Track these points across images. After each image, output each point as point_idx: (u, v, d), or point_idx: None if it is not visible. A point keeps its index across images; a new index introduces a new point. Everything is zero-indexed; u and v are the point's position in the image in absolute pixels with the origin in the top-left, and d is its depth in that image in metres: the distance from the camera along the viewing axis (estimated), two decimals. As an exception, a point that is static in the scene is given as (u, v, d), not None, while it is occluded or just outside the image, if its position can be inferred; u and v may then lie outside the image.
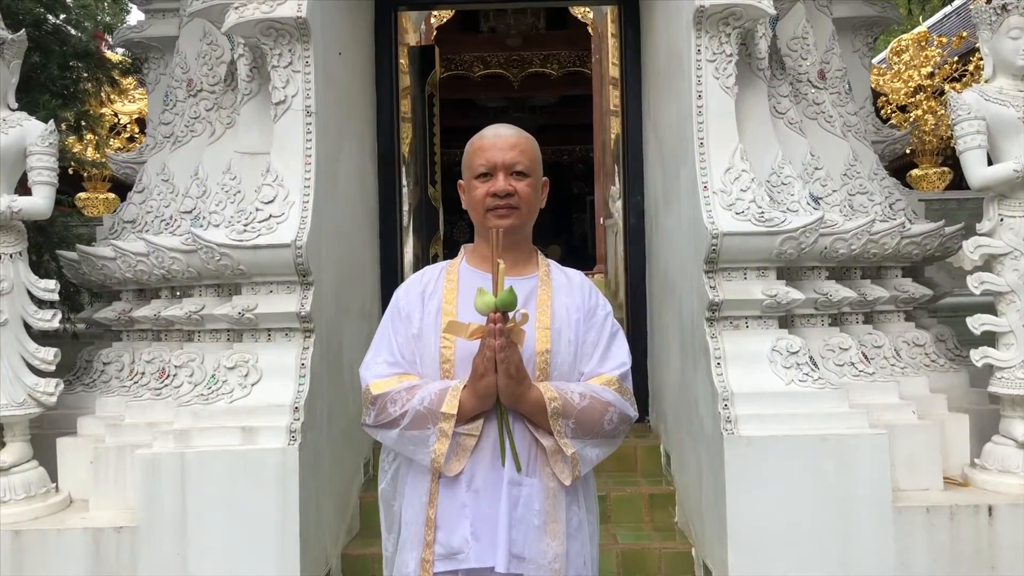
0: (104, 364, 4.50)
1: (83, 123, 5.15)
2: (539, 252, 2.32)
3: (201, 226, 4.18)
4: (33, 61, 4.89)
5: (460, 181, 2.24)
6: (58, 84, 4.84)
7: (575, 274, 2.31)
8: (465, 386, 2.05)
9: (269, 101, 4.13)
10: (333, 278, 4.35)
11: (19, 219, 3.89)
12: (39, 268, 5.08)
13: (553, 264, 2.31)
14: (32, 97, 4.80)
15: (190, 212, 4.41)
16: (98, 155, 7.36)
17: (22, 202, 3.85)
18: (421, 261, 6.36)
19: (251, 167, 4.24)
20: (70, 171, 9.43)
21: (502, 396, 2.03)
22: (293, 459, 3.67)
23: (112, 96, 6.03)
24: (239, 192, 4.21)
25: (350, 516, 4.59)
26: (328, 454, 4.14)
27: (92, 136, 9.82)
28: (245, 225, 3.91)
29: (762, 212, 3.93)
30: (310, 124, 4.10)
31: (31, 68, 4.91)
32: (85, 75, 4.99)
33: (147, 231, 4.53)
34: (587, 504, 2.21)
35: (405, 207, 6.13)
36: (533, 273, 2.24)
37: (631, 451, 5.32)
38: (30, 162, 3.90)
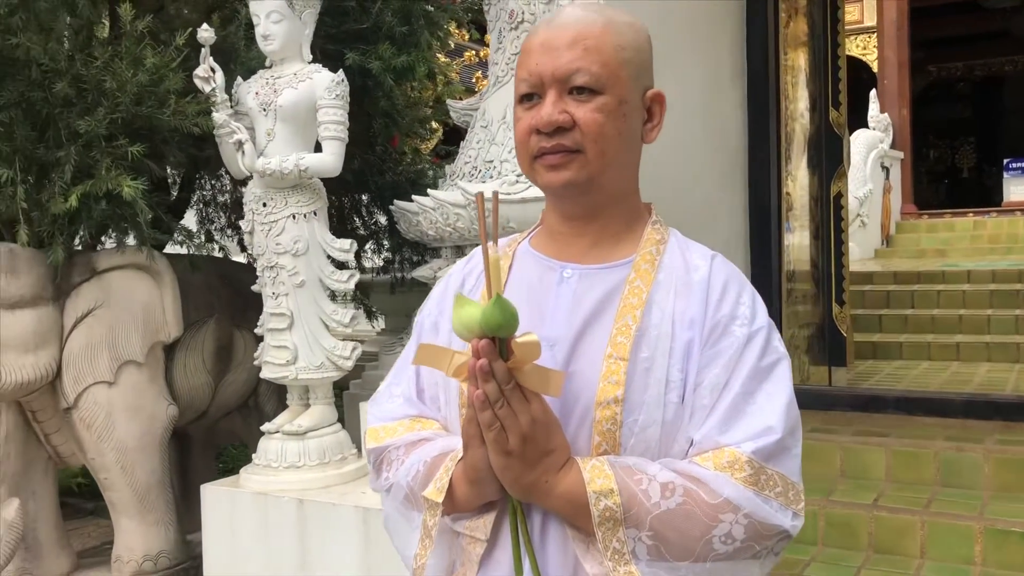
0: (423, 325, 4.27)
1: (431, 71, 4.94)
2: (651, 219, 1.38)
3: (491, 176, 3.70)
4: (376, 9, 4.78)
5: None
6: (396, 32, 4.67)
7: (702, 256, 1.33)
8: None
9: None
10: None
11: (307, 177, 3.74)
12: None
13: (674, 239, 1.36)
14: (372, 48, 4.69)
15: (492, 161, 3.93)
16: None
17: (309, 160, 3.68)
18: (818, 203, 5.21)
19: (544, 105, 3.61)
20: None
21: (504, 484, 1.20)
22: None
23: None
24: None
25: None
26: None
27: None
28: (518, 176, 3.33)
29: None
30: (599, 46, 3.34)
31: (377, 16, 4.80)
32: (422, 20, 4.75)
33: (462, 181, 4.16)
34: None
35: (797, 136, 5.03)
36: (626, 257, 1.32)
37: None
38: (318, 116, 3.71)
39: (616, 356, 1.23)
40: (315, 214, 3.80)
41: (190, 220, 6.17)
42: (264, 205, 3.77)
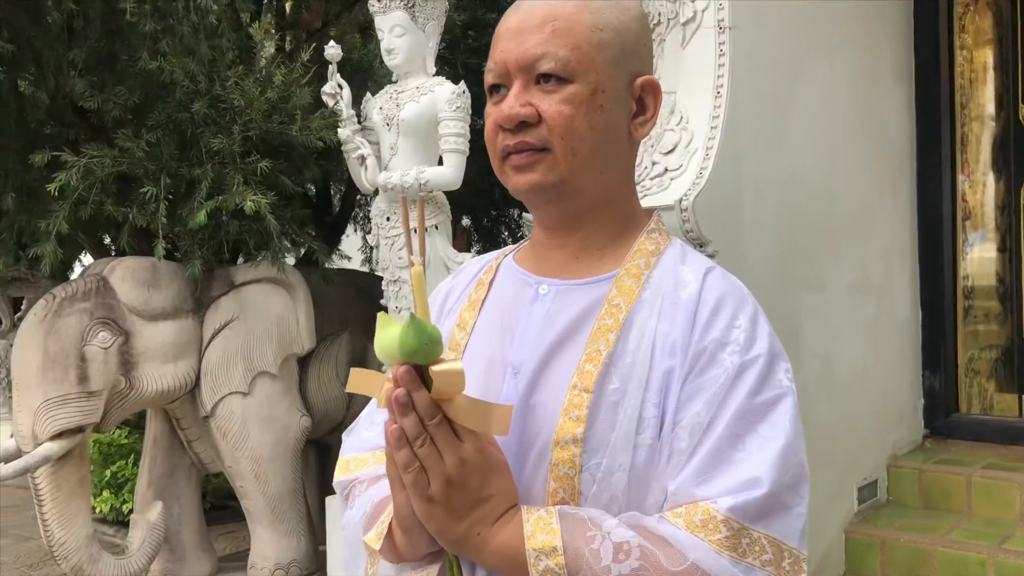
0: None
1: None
2: (648, 227, 1.18)
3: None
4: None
5: None
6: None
7: (694, 270, 1.12)
8: None
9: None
10: (774, 243, 3.29)
11: (428, 191, 3.69)
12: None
13: (671, 251, 1.15)
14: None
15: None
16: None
17: (429, 173, 3.64)
18: (1004, 211, 4.63)
19: (667, 110, 3.41)
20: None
21: (432, 533, 1.04)
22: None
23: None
24: (652, 144, 3.42)
25: (821, 555, 3.49)
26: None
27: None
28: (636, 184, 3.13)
29: None
30: (723, 45, 3.10)
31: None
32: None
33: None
34: None
35: (979, 137, 4.51)
36: (608, 272, 1.14)
37: None
38: (439, 129, 3.66)
39: (580, 387, 1.05)
40: (437, 228, 3.76)
41: (354, 236, 6.34)
42: (387, 219, 3.77)
